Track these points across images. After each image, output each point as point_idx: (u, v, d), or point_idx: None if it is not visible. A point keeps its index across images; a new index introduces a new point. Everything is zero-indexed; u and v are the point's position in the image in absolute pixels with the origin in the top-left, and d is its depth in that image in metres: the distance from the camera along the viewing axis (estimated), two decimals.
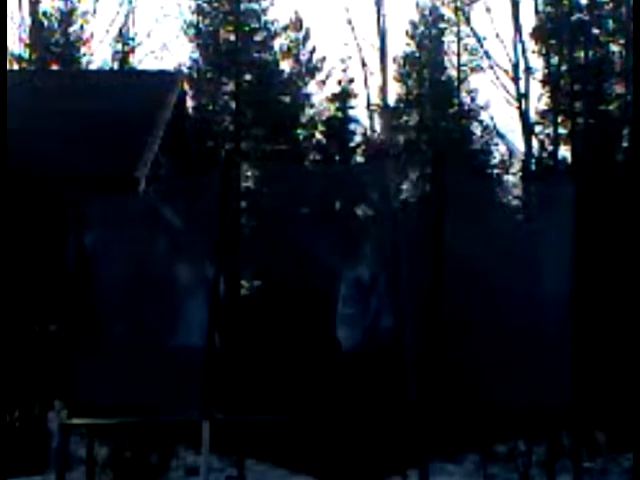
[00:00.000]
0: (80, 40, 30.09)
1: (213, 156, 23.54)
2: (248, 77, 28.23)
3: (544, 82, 28.18)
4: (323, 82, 29.84)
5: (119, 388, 9.54)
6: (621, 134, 25.87)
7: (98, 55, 41.89)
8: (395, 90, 30.52)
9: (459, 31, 30.50)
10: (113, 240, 10.10)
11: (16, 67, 27.78)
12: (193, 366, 9.42)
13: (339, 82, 27.77)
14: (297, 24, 30.34)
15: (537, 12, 28.80)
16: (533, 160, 27.44)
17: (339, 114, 27.15)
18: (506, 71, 29.15)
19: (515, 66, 28.93)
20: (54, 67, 28.29)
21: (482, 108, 29.49)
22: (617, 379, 13.75)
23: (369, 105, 30.99)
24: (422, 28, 30.70)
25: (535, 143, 27.65)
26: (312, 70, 29.99)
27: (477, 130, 29.37)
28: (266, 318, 16.23)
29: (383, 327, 10.00)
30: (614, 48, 27.84)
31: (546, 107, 27.89)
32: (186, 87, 23.96)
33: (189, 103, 25.17)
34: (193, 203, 9.63)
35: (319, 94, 29.43)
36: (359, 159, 26.66)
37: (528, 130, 27.64)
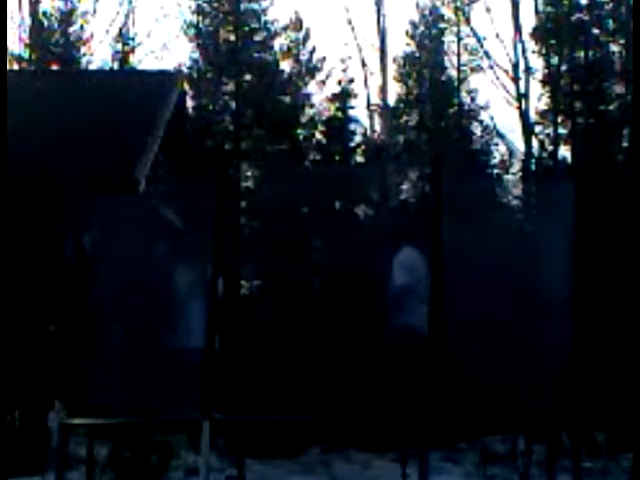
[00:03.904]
0: (80, 40, 30.05)
1: (213, 156, 23.51)
2: (248, 77, 28.21)
3: (544, 82, 28.17)
4: (323, 82, 29.84)
5: (119, 388, 9.55)
6: (621, 134, 25.84)
7: (98, 55, 41.74)
8: (395, 90, 30.57)
9: (459, 31, 30.51)
10: (113, 240, 10.10)
11: (16, 67, 27.76)
12: (193, 366, 9.42)
13: (339, 82, 27.71)
14: (297, 24, 30.33)
15: (537, 12, 28.80)
16: (533, 160, 27.44)
17: (339, 114, 27.09)
18: (506, 71, 29.20)
19: (515, 66, 28.96)
20: (54, 67, 28.25)
21: (482, 108, 29.48)
22: (617, 379, 13.74)
23: (369, 105, 31.05)
24: (422, 28, 30.71)
25: (535, 143, 27.65)
26: (312, 70, 29.98)
27: (477, 130, 29.36)
28: (266, 318, 16.20)
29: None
30: (614, 48, 27.83)
31: (546, 107, 27.88)
32: (186, 87, 23.95)
33: (189, 103, 25.16)
34: (192, 203, 9.64)
35: (319, 94, 29.44)
36: (359, 159, 26.62)
37: (528, 130, 27.64)
